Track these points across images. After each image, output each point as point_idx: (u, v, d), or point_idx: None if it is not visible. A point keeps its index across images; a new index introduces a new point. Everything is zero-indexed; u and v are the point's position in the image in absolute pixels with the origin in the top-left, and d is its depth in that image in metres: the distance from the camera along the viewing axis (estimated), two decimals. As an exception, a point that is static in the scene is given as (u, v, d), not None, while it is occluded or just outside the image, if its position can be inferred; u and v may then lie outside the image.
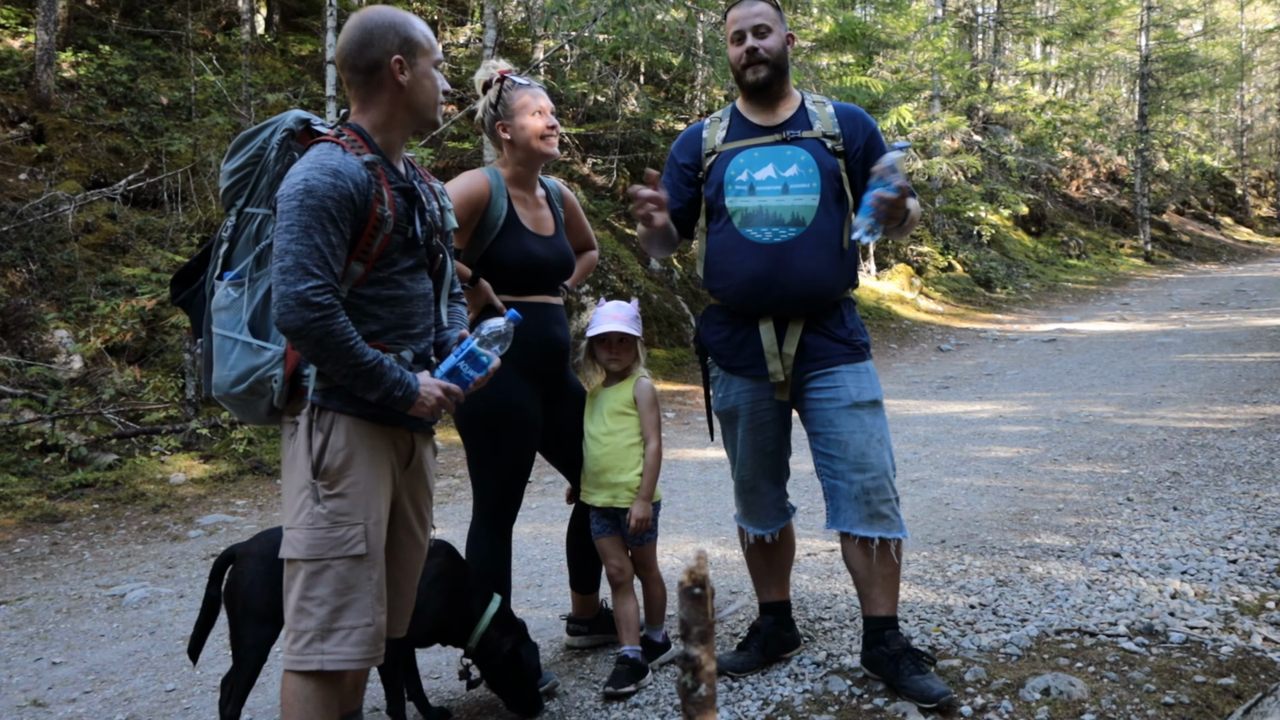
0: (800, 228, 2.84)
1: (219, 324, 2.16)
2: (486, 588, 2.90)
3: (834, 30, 12.16)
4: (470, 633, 2.82)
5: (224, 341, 2.15)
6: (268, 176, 2.20)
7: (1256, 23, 30.00)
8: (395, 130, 2.23)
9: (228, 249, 2.21)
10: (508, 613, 2.90)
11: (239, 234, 2.21)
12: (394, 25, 2.17)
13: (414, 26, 2.20)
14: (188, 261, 2.36)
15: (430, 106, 2.24)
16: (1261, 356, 9.72)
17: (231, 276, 2.18)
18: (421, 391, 2.15)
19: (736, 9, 2.95)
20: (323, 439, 2.11)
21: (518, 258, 2.99)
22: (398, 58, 2.15)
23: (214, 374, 2.17)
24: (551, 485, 6.16)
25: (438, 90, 2.24)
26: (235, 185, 2.22)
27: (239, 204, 2.21)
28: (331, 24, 9.03)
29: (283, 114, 2.25)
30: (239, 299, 2.15)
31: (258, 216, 2.20)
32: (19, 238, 7.44)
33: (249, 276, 2.17)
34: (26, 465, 6.10)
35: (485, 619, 2.83)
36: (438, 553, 2.84)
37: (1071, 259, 20.21)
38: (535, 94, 3.05)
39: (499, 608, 2.87)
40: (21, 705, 3.33)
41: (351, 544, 2.10)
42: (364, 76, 2.17)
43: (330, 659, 2.09)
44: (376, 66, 2.16)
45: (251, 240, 2.19)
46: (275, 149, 2.19)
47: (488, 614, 2.84)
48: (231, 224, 2.21)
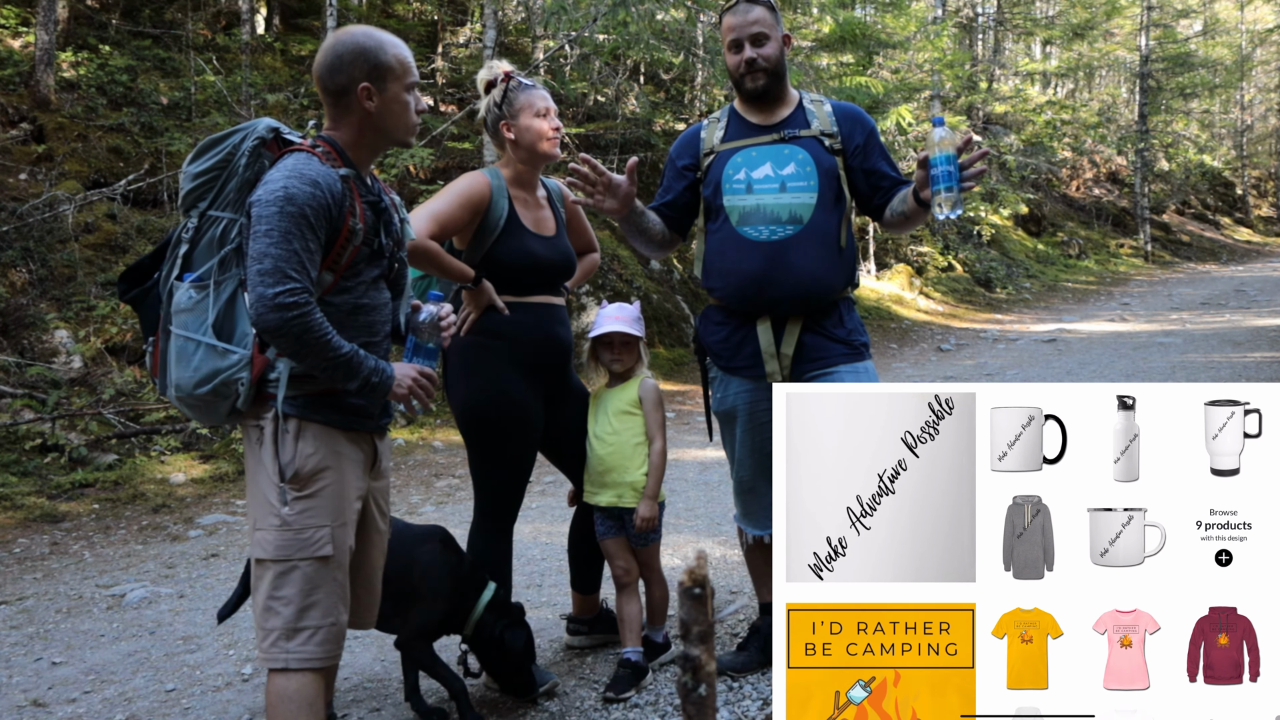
0: (797, 225, 2.84)
1: (180, 325, 2.17)
2: (481, 575, 2.94)
3: (834, 30, 12.15)
4: (467, 619, 2.86)
5: (186, 343, 2.16)
6: (235, 181, 2.20)
7: (1256, 23, 29.98)
8: (364, 149, 2.27)
9: (188, 250, 2.21)
10: (504, 598, 2.94)
11: (200, 236, 2.21)
12: (363, 51, 2.18)
13: (385, 51, 2.20)
14: (138, 259, 2.36)
15: (400, 129, 2.26)
16: (1261, 356, 9.72)
17: (193, 278, 2.18)
18: (397, 374, 2.21)
19: (731, 15, 2.92)
20: (292, 445, 2.15)
21: (519, 258, 2.99)
22: (364, 85, 2.18)
23: (173, 375, 2.18)
24: (551, 485, 6.16)
25: (409, 113, 2.25)
26: (199, 188, 2.22)
27: (201, 206, 2.21)
28: (331, 24, 9.03)
29: (254, 121, 2.26)
30: (203, 301, 2.17)
31: (222, 220, 2.20)
32: (19, 238, 7.44)
33: (213, 279, 2.18)
34: (26, 465, 6.10)
35: (480, 605, 2.87)
36: (433, 537, 2.86)
37: (1071, 259, 20.22)
38: (540, 95, 3.05)
39: (494, 593, 2.91)
40: (21, 705, 3.33)
41: (318, 546, 2.15)
42: (333, 98, 2.22)
43: (295, 657, 2.14)
44: (344, 91, 2.20)
45: (215, 243, 2.20)
46: (246, 155, 2.20)
47: (482, 600, 2.87)
48: (193, 226, 2.22)
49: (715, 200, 2.94)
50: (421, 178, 10.03)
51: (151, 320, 2.28)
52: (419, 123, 2.31)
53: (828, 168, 2.90)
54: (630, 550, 3.17)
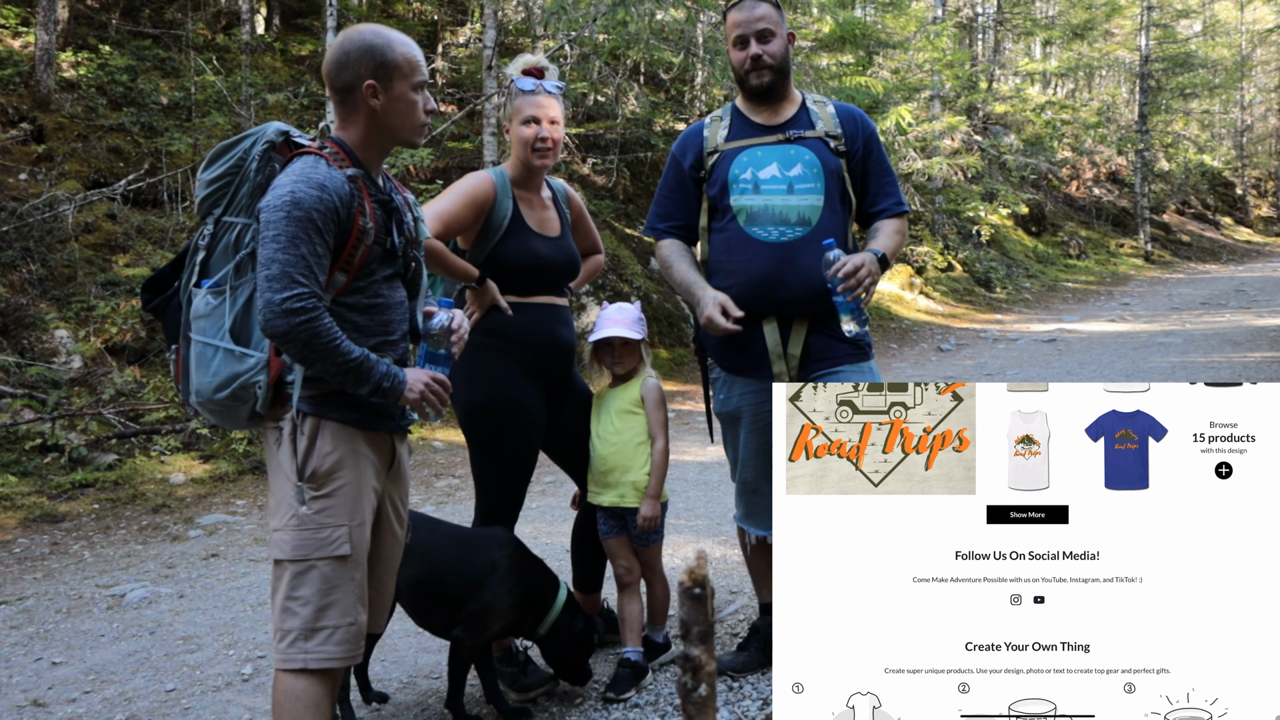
0: (806, 227, 2.84)
1: (199, 331, 2.19)
2: (553, 575, 2.97)
3: (834, 30, 12.15)
4: (542, 621, 2.89)
5: (205, 349, 2.18)
6: (247, 186, 2.21)
7: (1256, 23, 29.98)
8: (373, 148, 2.26)
9: (204, 257, 2.23)
10: (574, 597, 3.00)
11: (216, 242, 2.23)
12: (370, 49, 2.18)
13: (392, 49, 2.20)
14: (159, 269, 2.38)
15: (408, 129, 2.25)
16: (1261, 356, 9.72)
17: (210, 284, 2.20)
18: (409, 380, 2.20)
19: (737, 11, 2.92)
20: (308, 444, 2.15)
21: (522, 259, 2.99)
22: (370, 82, 2.18)
23: (194, 380, 2.19)
24: (552, 485, 6.16)
25: (416, 112, 2.24)
26: (213, 194, 2.23)
27: (216, 213, 2.23)
28: (331, 24, 9.02)
29: (263, 126, 2.27)
30: (220, 306, 2.18)
31: (236, 226, 2.22)
32: (19, 238, 7.44)
33: (229, 284, 2.19)
34: (26, 465, 6.09)
35: (556, 607, 2.90)
36: (506, 545, 2.87)
37: (1071, 259, 20.21)
38: (531, 102, 2.99)
39: (567, 594, 2.96)
40: (21, 705, 3.33)
41: (336, 545, 2.15)
42: (341, 96, 2.22)
43: (313, 657, 2.13)
44: (350, 89, 2.20)
45: (230, 249, 2.21)
46: (256, 160, 2.21)
47: (558, 602, 2.91)
48: (209, 232, 2.23)
49: (721, 200, 2.94)
50: (422, 178, 10.03)
51: (174, 328, 2.29)
52: (427, 122, 2.30)
53: (834, 169, 2.90)
54: (632, 550, 3.17)
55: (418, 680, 3.33)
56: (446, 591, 2.79)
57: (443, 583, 2.79)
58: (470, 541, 2.92)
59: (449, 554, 2.85)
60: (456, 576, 2.79)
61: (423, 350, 2.34)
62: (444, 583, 2.79)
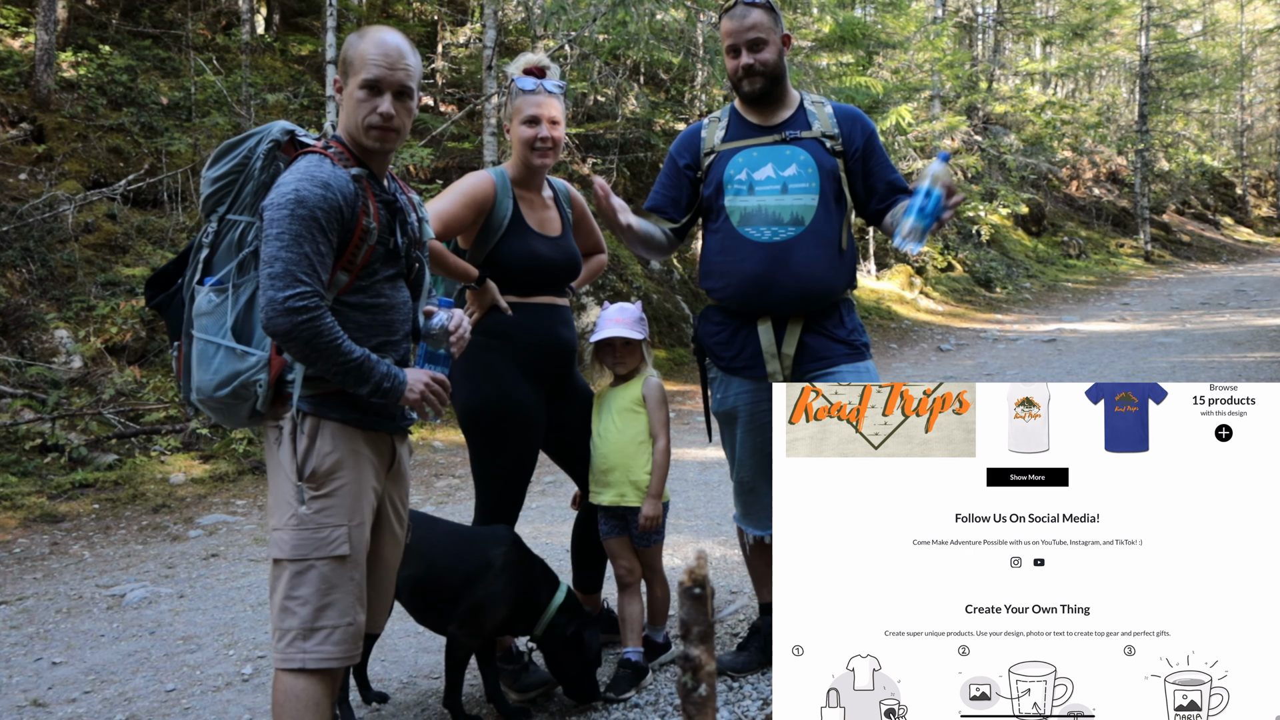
0: (799, 227, 2.85)
1: (201, 329, 2.19)
2: (553, 575, 2.94)
3: (834, 30, 12.14)
4: (538, 620, 2.86)
5: (206, 346, 2.18)
6: (252, 185, 2.22)
7: (1256, 23, 29.98)
8: (357, 147, 2.24)
9: (208, 254, 2.23)
10: (574, 600, 2.95)
11: (220, 240, 2.23)
12: (350, 43, 2.22)
13: (355, 46, 2.19)
14: (162, 266, 2.38)
15: (354, 129, 2.21)
16: (1261, 356, 9.72)
17: (214, 282, 2.20)
18: (410, 380, 2.20)
19: (729, 19, 2.91)
20: (308, 444, 2.15)
21: (522, 258, 2.98)
22: (336, 78, 2.23)
23: (195, 378, 2.20)
24: (552, 485, 6.16)
25: (359, 110, 2.18)
26: (218, 192, 2.23)
27: (220, 211, 2.23)
28: (331, 24, 9.02)
29: (268, 124, 2.27)
30: (222, 304, 2.18)
31: (240, 224, 2.22)
32: (19, 238, 7.44)
33: (232, 282, 2.20)
34: (26, 465, 6.09)
35: (552, 607, 2.87)
36: (503, 543, 2.86)
37: (1071, 259, 20.21)
38: (531, 101, 2.98)
39: (566, 595, 2.91)
40: (21, 705, 3.33)
41: (335, 545, 2.15)
42: None
43: (312, 657, 2.14)
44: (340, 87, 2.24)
45: (234, 247, 2.22)
46: (261, 158, 2.21)
47: (554, 601, 2.88)
48: (213, 230, 2.24)
49: (716, 200, 2.94)
50: (422, 178, 10.03)
51: (177, 325, 2.29)
52: (375, 124, 2.18)
53: (829, 169, 2.90)
54: (633, 550, 3.17)
55: (418, 680, 3.34)
56: (442, 589, 2.79)
57: (439, 580, 2.79)
58: (467, 539, 2.92)
59: (446, 551, 2.85)
60: (451, 574, 2.79)
61: (422, 350, 2.34)
62: (440, 580, 2.79)
